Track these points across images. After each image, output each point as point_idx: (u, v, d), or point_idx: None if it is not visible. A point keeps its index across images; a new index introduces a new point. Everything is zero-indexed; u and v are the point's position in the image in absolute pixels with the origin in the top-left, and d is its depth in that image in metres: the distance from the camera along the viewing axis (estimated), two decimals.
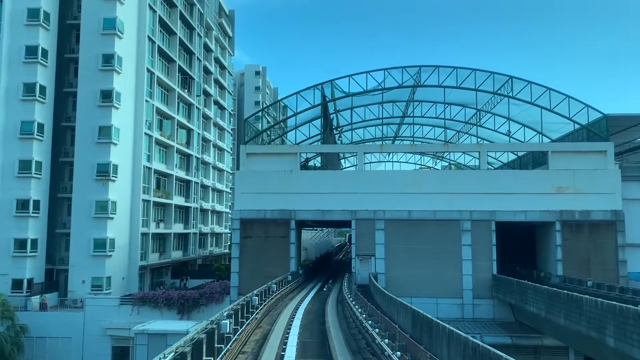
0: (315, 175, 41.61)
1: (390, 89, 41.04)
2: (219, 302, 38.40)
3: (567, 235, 37.59)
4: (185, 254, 60.21)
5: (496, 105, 43.14)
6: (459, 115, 49.76)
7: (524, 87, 39.98)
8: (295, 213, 39.11)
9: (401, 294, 28.60)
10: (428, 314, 14.69)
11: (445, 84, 40.50)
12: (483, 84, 40.38)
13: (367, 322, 14.44)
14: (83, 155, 43.89)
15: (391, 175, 41.62)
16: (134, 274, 47.00)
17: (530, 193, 37.99)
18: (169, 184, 55.66)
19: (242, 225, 39.18)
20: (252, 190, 39.31)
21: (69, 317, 39.02)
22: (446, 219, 37.96)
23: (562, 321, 23.46)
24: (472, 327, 35.33)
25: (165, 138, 54.05)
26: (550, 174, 38.48)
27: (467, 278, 37.50)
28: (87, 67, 44.93)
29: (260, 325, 19.44)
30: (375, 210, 38.56)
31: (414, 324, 15.42)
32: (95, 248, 42.79)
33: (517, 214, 37.96)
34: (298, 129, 46.06)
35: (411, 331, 15.75)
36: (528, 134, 46.79)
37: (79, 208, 43.41)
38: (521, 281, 31.08)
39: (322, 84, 40.77)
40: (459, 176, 40.13)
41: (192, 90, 62.71)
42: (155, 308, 38.17)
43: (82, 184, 43.62)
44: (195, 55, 64.14)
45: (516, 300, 31.91)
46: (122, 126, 45.90)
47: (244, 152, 40.45)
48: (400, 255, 38.07)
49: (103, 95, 44.39)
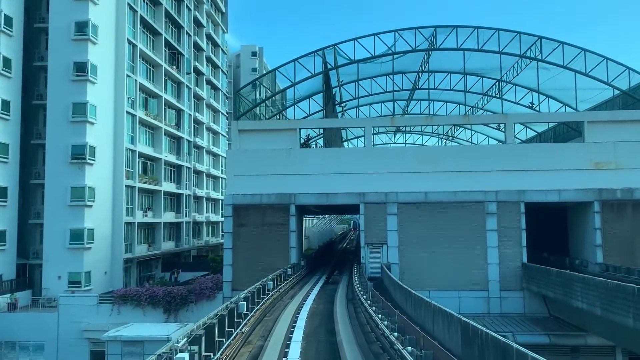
0: (317, 153, 36.74)
1: (401, 52, 35.93)
2: (210, 299, 33.78)
3: (607, 217, 32.73)
4: (178, 245, 55.61)
5: (522, 71, 38.06)
6: (476, 87, 44.68)
7: (555, 49, 34.90)
8: (296, 197, 34.31)
9: (418, 287, 23.92)
10: (490, 330, 9.92)
11: (464, 46, 35.43)
12: (508, 46, 35.26)
13: (405, 349, 9.69)
14: (56, 136, 39.03)
15: (404, 152, 36.70)
16: (118, 268, 42.39)
17: (564, 169, 33.09)
18: (157, 169, 50.84)
19: (235, 211, 34.39)
20: (246, 172, 34.45)
21: (41, 318, 34.35)
22: (468, 200, 33.12)
23: (630, 322, 18.77)
24: (501, 324, 30.69)
25: (151, 118, 49.11)
26: (586, 148, 33.54)
27: (494, 267, 32.75)
28: (58, 37, 39.90)
29: (249, 340, 14.69)
30: (387, 193, 33.73)
31: (468, 342, 10.65)
32: (72, 240, 38.12)
33: (550, 194, 33.10)
34: (297, 106, 41.10)
35: (461, 351, 11.02)
36: (553, 106, 41.82)
37: (53, 195, 38.64)
38: (564, 271, 26.31)
39: (323, 49, 35.70)
40: (483, 152, 35.17)
41: (181, 67, 57.61)
42: (138, 307, 33.52)
43: (55, 168, 38.79)
44: (185, 30, 58.94)
45: (556, 294, 27.16)
46: (100, 103, 40.95)
47: (236, 129, 35.53)
48: (416, 243, 33.31)
49: (77, 68, 39.40)
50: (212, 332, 11.22)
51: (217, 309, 13.40)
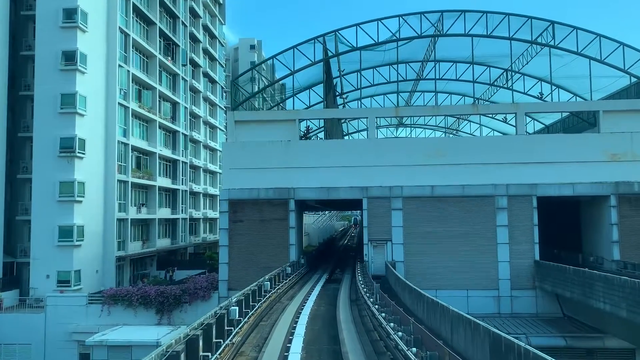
0: (318, 145, 34.95)
1: (406, 39, 34.04)
2: (205, 300, 32.02)
3: (624, 212, 31.00)
4: (174, 242, 53.85)
5: (532, 59, 36.20)
6: (483, 78, 42.83)
7: (568, 35, 33.05)
8: (295, 191, 32.55)
9: (424, 286, 22.30)
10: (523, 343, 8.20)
11: (472, 32, 33.56)
12: (518, 31, 33.42)
13: None
14: (43, 129, 37.21)
15: (410, 144, 34.86)
16: (110, 267, 40.65)
17: (579, 162, 31.37)
18: (152, 164, 49.03)
19: (231, 207, 32.63)
20: (243, 165, 32.67)
21: (28, 320, 32.67)
22: (478, 194, 31.38)
23: None
24: (513, 324, 29.01)
25: (145, 111, 47.26)
26: (602, 139, 31.79)
27: (504, 265, 31.04)
28: (46, 24, 38.05)
29: (241, 350, 12.92)
30: (392, 187, 31.97)
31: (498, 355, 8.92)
32: (61, 237, 36.36)
33: (564, 187, 31.34)
34: (296, 97, 39.27)
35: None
36: (563, 97, 39.97)
37: (41, 190, 36.85)
38: (583, 270, 24.56)
39: (324, 35, 33.84)
40: (493, 143, 33.35)
41: (176, 58, 55.72)
42: (129, 307, 31.77)
43: (43, 162, 37.00)
44: (180, 20, 57.01)
45: (573, 293, 25.42)
46: (90, 94, 39.12)
47: (232, 120, 33.73)
48: (422, 240, 31.59)
49: (65, 57, 37.55)
50: (196, 345, 9.47)
51: (204, 316, 11.65)
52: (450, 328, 12.03)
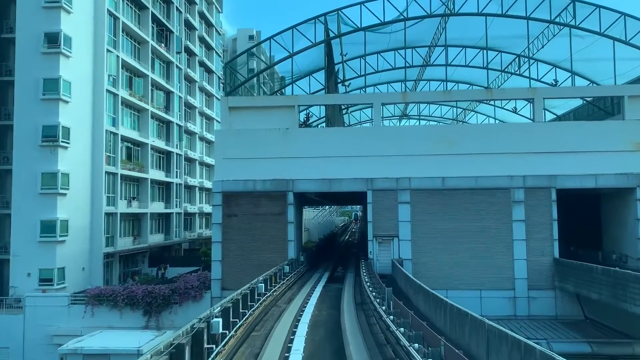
0: (318, 133, 32.54)
1: (415, 18, 31.49)
2: (196, 300, 29.68)
3: None
4: (168, 238, 51.47)
5: (549, 41, 33.68)
6: (494, 64, 40.29)
7: (590, 14, 30.52)
8: (294, 183, 30.09)
9: (433, 286, 19.89)
10: None
11: (486, 11, 31.02)
12: (536, 10, 30.88)
13: None
14: (24, 116, 34.72)
15: (418, 132, 32.35)
16: (97, 264, 38.26)
17: (601, 151, 28.87)
18: (143, 155, 46.55)
19: (224, 200, 30.16)
20: (238, 154, 30.18)
21: (5, 321, 30.32)
22: (492, 187, 28.92)
23: None
24: (532, 328, 26.61)
25: (136, 99, 44.74)
26: (626, 126, 29.28)
27: (521, 263, 28.60)
28: (28, 4, 35.54)
29: None
30: (398, 178, 29.50)
31: None
32: (43, 232, 33.96)
33: (585, 179, 28.87)
34: (296, 84, 36.68)
35: None
36: (579, 84, 37.43)
37: (21, 182, 34.42)
38: (614, 269, 22.17)
39: (325, 15, 31.27)
40: (508, 131, 30.78)
41: (170, 45, 53.14)
42: (114, 308, 29.41)
43: (23, 151, 34.54)
44: (175, 5, 54.43)
45: (601, 295, 23.02)
46: (76, 80, 36.59)
47: (226, 106, 31.21)
48: (432, 236, 29.16)
49: (48, 39, 35.01)
50: None
51: (177, 332, 9.20)
52: (487, 348, 9.58)
